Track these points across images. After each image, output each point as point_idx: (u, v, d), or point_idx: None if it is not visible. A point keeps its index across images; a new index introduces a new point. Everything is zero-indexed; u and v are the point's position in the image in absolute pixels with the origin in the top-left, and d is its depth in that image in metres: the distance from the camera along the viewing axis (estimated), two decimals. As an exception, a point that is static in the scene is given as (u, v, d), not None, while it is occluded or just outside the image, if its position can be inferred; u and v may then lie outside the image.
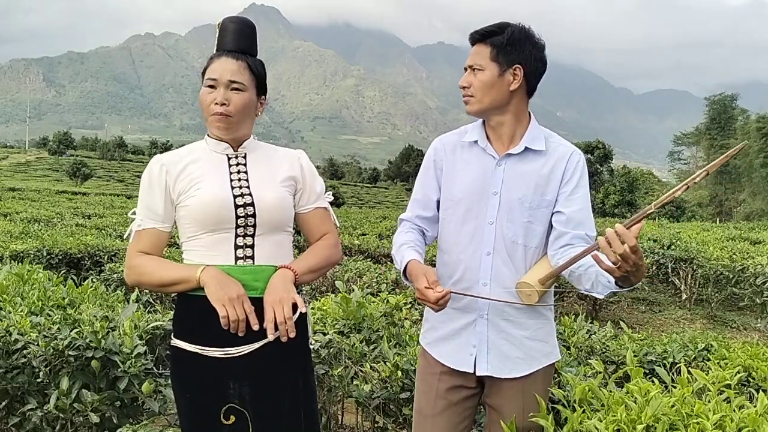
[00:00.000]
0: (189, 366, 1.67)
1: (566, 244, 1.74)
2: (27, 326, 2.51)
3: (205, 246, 1.68)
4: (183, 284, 1.64)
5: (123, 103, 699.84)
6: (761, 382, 2.30)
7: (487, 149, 1.80)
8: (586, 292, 1.72)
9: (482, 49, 1.75)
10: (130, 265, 1.71)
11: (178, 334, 1.70)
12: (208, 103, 1.68)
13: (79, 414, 2.37)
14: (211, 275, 1.60)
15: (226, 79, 1.67)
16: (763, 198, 40.13)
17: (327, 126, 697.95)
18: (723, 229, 14.81)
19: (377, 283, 5.11)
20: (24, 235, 7.75)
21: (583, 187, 1.79)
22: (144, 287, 1.73)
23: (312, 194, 1.83)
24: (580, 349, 2.92)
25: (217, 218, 1.65)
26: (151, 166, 1.73)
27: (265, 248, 1.70)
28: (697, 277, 7.69)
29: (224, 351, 1.63)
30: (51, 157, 78.08)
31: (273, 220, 1.70)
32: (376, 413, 2.63)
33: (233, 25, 1.74)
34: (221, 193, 1.67)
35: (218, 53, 1.72)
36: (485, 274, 1.76)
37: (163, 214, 1.71)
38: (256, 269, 1.67)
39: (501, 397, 1.80)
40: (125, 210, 15.05)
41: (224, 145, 1.75)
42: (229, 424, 1.63)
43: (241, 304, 1.58)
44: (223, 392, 1.64)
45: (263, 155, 1.80)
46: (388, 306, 3.22)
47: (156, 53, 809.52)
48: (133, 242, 1.72)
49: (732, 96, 53.90)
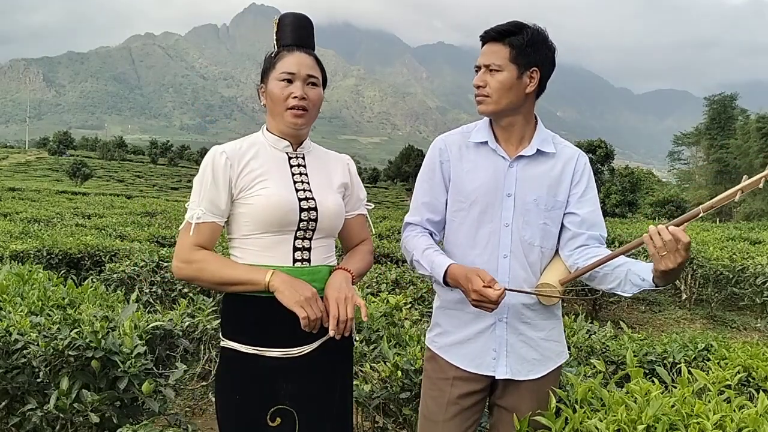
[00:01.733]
0: (243, 367, 1.65)
1: (582, 244, 1.77)
2: (27, 326, 2.51)
3: (261, 246, 1.65)
4: (247, 286, 1.60)
5: (123, 103, 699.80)
6: (761, 382, 2.30)
7: (498, 150, 1.79)
8: (608, 291, 1.76)
9: (500, 48, 1.73)
10: (187, 258, 1.63)
11: (231, 335, 1.67)
12: (285, 96, 1.66)
13: (79, 414, 2.37)
14: (282, 279, 1.58)
15: (305, 74, 1.67)
16: (763, 198, 40.11)
17: (327, 126, 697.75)
18: (723, 229, 14.80)
19: (377, 283, 5.11)
20: (24, 235, 7.75)
21: (592, 189, 1.83)
22: (197, 283, 1.68)
23: (357, 201, 1.86)
24: (580, 349, 2.92)
25: (282, 220, 1.64)
26: (215, 157, 1.66)
27: (319, 251, 1.71)
28: (697, 277, 7.68)
29: (284, 351, 1.63)
30: (51, 157, 78.07)
31: (332, 225, 1.72)
32: (376, 413, 2.63)
33: (295, 20, 1.73)
34: (288, 195, 1.65)
35: (289, 47, 1.70)
36: (503, 277, 1.75)
37: (225, 209, 1.67)
38: (313, 270, 1.68)
39: (517, 397, 1.79)
40: (125, 210, 15.06)
41: (285, 142, 1.73)
42: (275, 425, 1.62)
43: (316, 302, 1.59)
44: (274, 393, 1.63)
45: (319, 158, 1.80)
46: (388, 306, 3.22)
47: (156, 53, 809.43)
48: (190, 235, 1.64)
49: (732, 96, 53.94)
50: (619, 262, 1.66)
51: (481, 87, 1.74)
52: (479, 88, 1.75)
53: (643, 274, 1.60)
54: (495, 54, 1.73)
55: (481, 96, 1.75)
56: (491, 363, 1.77)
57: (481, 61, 1.75)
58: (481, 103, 1.76)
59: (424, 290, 4.58)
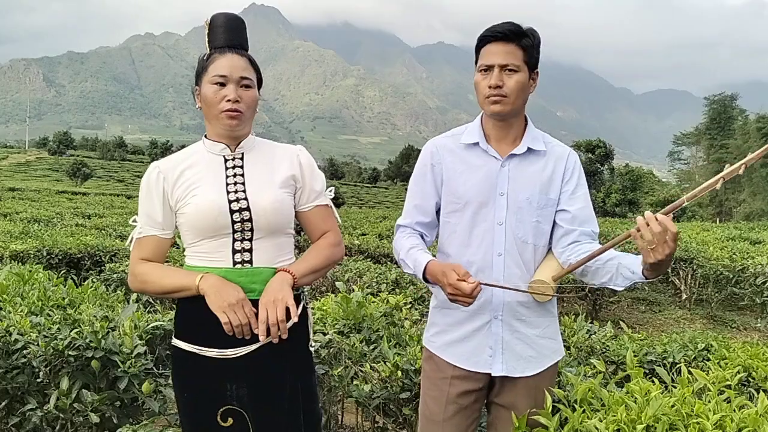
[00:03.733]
0: (188, 366, 1.67)
1: (574, 241, 1.79)
2: (27, 326, 2.51)
3: (205, 252, 1.68)
4: (184, 291, 1.64)
5: (123, 103, 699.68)
6: (761, 382, 2.30)
7: (489, 151, 1.81)
8: (599, 286, 1.78)
9: (514, 49, 1.73)
10: (133, 272, 1.71)
11: (178, 334, 1.70)
12: (218, 100, 1.65)
13: (79, 414, 2.37)
14: (210, 283, 1.59)
15: (238, 76, 1.66)
16: (763, 198, 40.11)
17: (327, 126, 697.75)
18: (723, 229, 14.81)
19: (377, 283, 5.11)
20: (24, 235, 7.76)
21: (583, 186, 1.85)
22: (148, 294, 1.75)
23: (312, 192, 1.80)
24: (580, 349, 2.92)
25: (214, 225, 1.64)
26: (149, 173, 1.72)
27: (264, 251, 1.69)
28: (697, 277, 7.68)
29: (221, 352, 1.63)
30: (51, 157, 78.11)
31: (270, 225, 1.69)
32: (376, 413, 2.63)
33: (226, 21, 1.72)
34: (217, 200, 1.65)
35: (220, 49, 1.69)
36: (498, 275, 1.77)
37: (163, 222, 1.70)
38: (253, 271, 1.66)
39: (514, 395, 1.80)
40: (125, 210, 15.06)
41: (221, 145, 1.73)
42: (227, 426, 1.62)
43: (241, 308, 1.57)
44: (220, 393, 1.63)
45: (262, 154, 1.77)
46: (388, 306, 3.22)
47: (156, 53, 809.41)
48: (134, 249, 1.72)
49: (731, 96, 53.95)
50: (609, 256, 1.70)
51: (498, 87, 1.73)
52: (497, 88, 1.73)
53: (633, 267, 1.64)
54: (511, 54, 1.72)
55: (499, 96, 1.73)
56: (487, 360, 1.78)
57: (496, 60, 1.73)
58: (498, 103, 1.74)
59: (424, 290, 4.58)
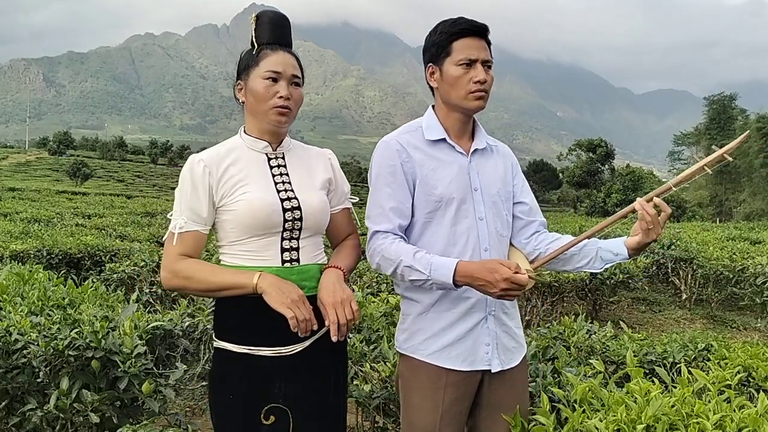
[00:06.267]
0: (235, 367, 1.65)
1: (536, 231, 1.88)
2: (27, 326, 2.51)
3: (251, 250, 1.66)
4: (237, 290, 1.61)
5: (123, 103, 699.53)
6: (761, 382, 2.30)
7: (456, 147, 1.80)
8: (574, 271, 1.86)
9: (485, 45, 1.75)
10: (174, 269, 1.64)
11: (223, 335, 1.68)
12: (270, 95, 1.65)
13: (79, 414, 2.37)
14: (270, 282, 1.59)
15: (290, 74, 1.68)
16: (763, 198, 40.10)
17: (327, 126, 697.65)
18: (723, 229, 14.79)
19: (377, 283, 5.11)
20: (24, 235, 7.75)
21: (525, 178, 1.95)
22: (187, 292, 1.70)
23: (342, 195, 1.85)
24: (580, 349, 2.92)
25: (267, 223, 1.64)
26: (193, 166, 1.66)
27: (308, 250, 1.72)
28: (697, 277, 7.68)
29: (275, 350, 1.63)
30: (51, 157, 78.02)
31: (318, 224, 1.73)
32: (376, 413, 2.63)
33: (274, 18, 1.73)
34: (269, 198, 1.65)
35: (272, 46, 1.69)
36: None
37: (207, 217, 1.67)
38: (303, 269, 1.69)
39: (501, 392, 1.79)
40: (125, 210, 15.05)
41: (263, 143, 1.73)
42: (269, 424, 1.62)
43: (303, 304, 1.58)
44: (268, 392, 1.64)
45: (299, 155, 1.79)
46: (388, 306, 3.22)
47: (156, 53, 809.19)
48: (174, 245, 1.66)
49: (731, 96, 53.88)
50: (584, 242, 1.76)
51: (483, 83, 1.71)
52: (483, 84, 1.71)
53: (617, 249, 1.72)
54: (485, 50, 1.75)
55: (483, 92, 1.73)
56: (484, 358, 1.76)
57: (479, 55, 1.72)
58: (482, 99, 1.74)
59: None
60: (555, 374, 2.34)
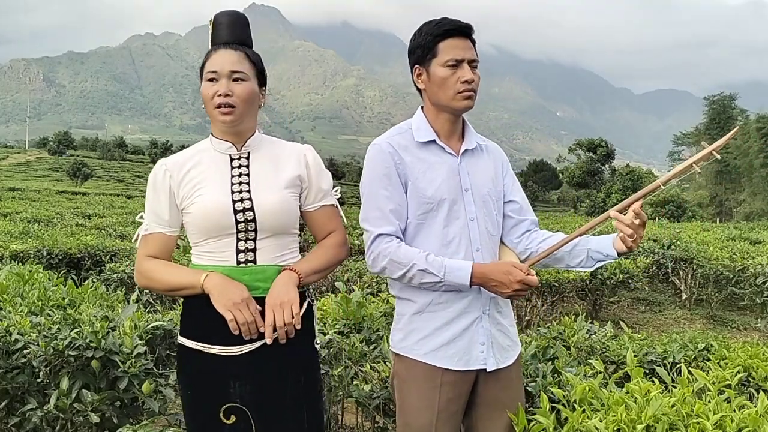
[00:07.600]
0: (192, 363, 1.68)
1: (527, 230, 1.88)
2: (27, 326, 2.51)
3: (209, 251, 1.69)
4: (188, 289, 1.65)
5: (123, 103, 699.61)
6: (761, 382, 2.30)
7: (446, 148, 1.80)
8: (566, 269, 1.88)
9: (470, 44, 1.77)
10: (140, 269, 1.72)
11: (183, 331, 1.72)
12: (211, 96, 1.65)
13: (79, 414, 2.37)
14: (214, 283, 1.60)
15: (228, 70, 1.66)
16: (763, 198, 40.11)
17: (327, 126, 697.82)
18: (723, 229, 14.80)
19: (377, 283, 5.12)
20: (24, 235, 7.76)
21: (515, 177, 1.96)
22: (154, 291, 1.76)
23: (318, 192, 1.80)
24: (580, 349, 2.92)
25: (218, 225, 1.65)
26: (156, 170, 1.73)
27: (267, 251, 1.69)
28: (697, 277, 7.68)
29: (224, 349, 1.63)
30: (51, 157, 78.02)
31: (275, 225, 1.69)
32: (376, 413, 2.63)
33: (227, 18, 1.73)
34: (221, 199, 1.66)
35: (215, 47, 1.70)
36: None
37: (170, 219, 1.71)
38: (256, 269, 1.67)
39: (498, 387, 1.80)
40: (125, 210, 15.06)
41: (227, 144, 1.73)
42: (230, 423, 1.63)
43: (246, 306, 1.58)
44: (224, 391, 1.64)
45: (268, 153, 1.76)
46: (388, 306, 3.22)
47: (156, 53, 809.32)
48: (141, 246, 1.74)
49: (731, 96, 53.88)
50: (576, 241, 1.76)
51: (472, 82, 1.75)
52: (470, 83, 1.74)
53: (606, 250, 1.73)
54: (471, 50, 1.76)
55: (471, 91, 1.75)
56: (479, 357, 1.76)
57: (467, 55, 1.73)
58: (470, 98, 1.75)
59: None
60: (555, 374, 2.34)
